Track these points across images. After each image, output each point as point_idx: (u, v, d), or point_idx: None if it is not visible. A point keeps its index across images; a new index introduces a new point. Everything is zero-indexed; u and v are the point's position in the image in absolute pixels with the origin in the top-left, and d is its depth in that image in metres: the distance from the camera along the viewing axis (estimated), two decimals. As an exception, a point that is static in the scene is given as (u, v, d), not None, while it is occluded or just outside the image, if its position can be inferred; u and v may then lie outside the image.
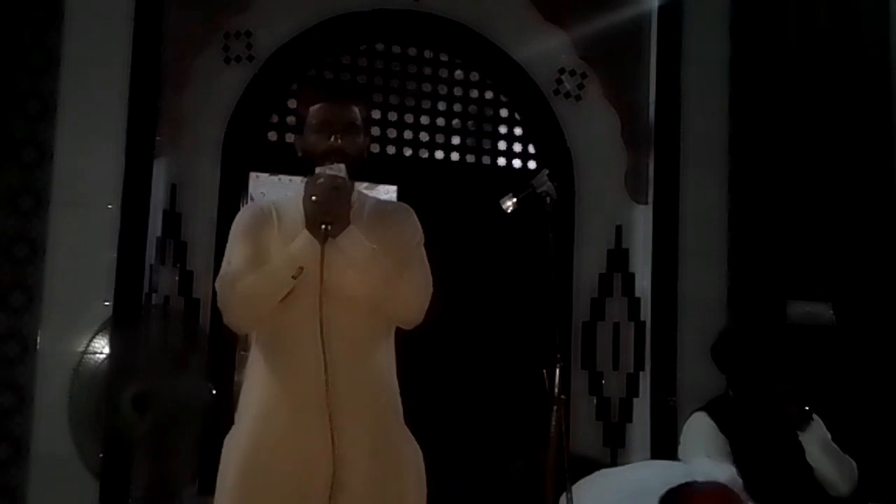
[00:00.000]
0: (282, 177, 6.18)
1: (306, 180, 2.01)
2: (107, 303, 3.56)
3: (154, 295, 3.75)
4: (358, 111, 2.14)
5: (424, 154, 4.41)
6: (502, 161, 4.51)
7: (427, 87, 4.44)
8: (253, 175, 4.41)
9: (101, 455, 3.45)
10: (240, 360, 4.48)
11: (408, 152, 4.38)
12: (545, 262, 2.48)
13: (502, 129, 4.54)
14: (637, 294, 4.28)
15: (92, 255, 3.59)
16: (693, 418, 2.99)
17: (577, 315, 4.39)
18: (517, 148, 4.52)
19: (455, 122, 4.48)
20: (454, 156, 4.46)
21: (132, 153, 3.64)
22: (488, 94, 4.52)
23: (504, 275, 4.34)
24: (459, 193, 4.25)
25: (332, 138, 2.07)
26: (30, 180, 3.59)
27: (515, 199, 2.39)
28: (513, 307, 4.32)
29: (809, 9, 4.46)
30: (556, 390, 2.26)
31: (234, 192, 4.13)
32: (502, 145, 4.53)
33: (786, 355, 3.13)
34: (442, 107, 4.45)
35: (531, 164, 4.52)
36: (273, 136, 4.26)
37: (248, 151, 4.18)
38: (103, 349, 3.52)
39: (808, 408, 2.95)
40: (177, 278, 3.91)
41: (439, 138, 4.43)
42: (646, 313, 4.22)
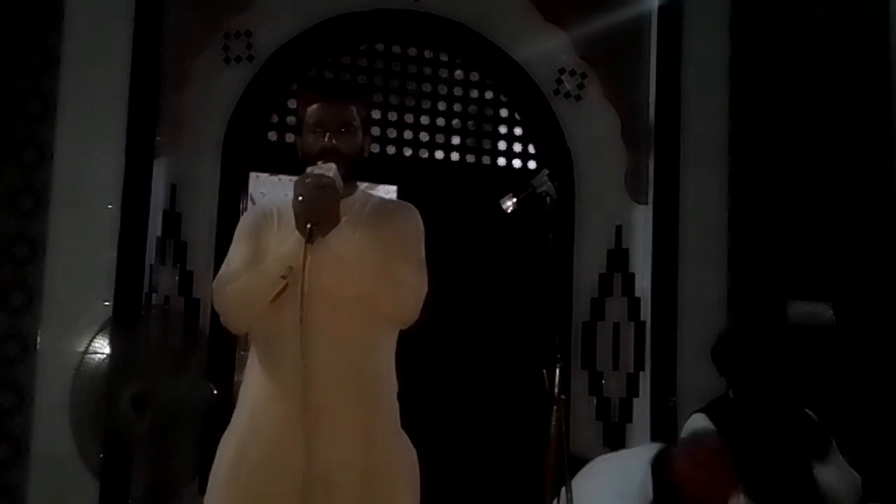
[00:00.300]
0: (282, 177, 6.18)
1: (295, 180, 2.02)
2: (107, 303, 3.56)
3: (154, 295, 3.75)
4: (355, 110, 2.14)
5: (424, 154, 4.41)
6: (502, 161, 4.51)
7: (427, 87, 4.44)
8: (253, 175, 4.41)
9: (101, 455, 3.45)
10: (240, 360, 4.48)
11: (408, 152, 4.38)
12: (545, 262, 2.48)
13: (502, 129, 4.54)
14: (637, 294, 4.28)
15: (92, 255, 3.59)
16: (692, 419, 2.99)
17: (577, 315, 4.39)
18: (517, 148, 4.52)
19: (455, 122, 4.48)
20: (454, 156, 4.46)
21: (132, 153, 3.64)
22: (488, 94, 4.52)
23: (504, 275, 4.34)
24: (459, 193, 4.25)
25: (327, 138, 2.08)
26: (30, 180, 3.59)
27: (515, 199, 2.39)
28: (513, 307, 4.32)
29: (809, 9, 4.46)
30: (556, 390, 2.26)
31: (234, 192, 4.13)
32: (502, 145, 4.53)
33: (786, 357, 3.13)
34: (442, 107, 4.45)
35: (531, 164, 4.52)
36: (273, 136, 4.26)
37: (248, 151, 4.18)
38: (103, 349, 3.52)
39: (829, 437, 2.96)
40: (177, 278, 3.91)
41: (439, 138, 4.43)
42: (646, 313, 4.22)
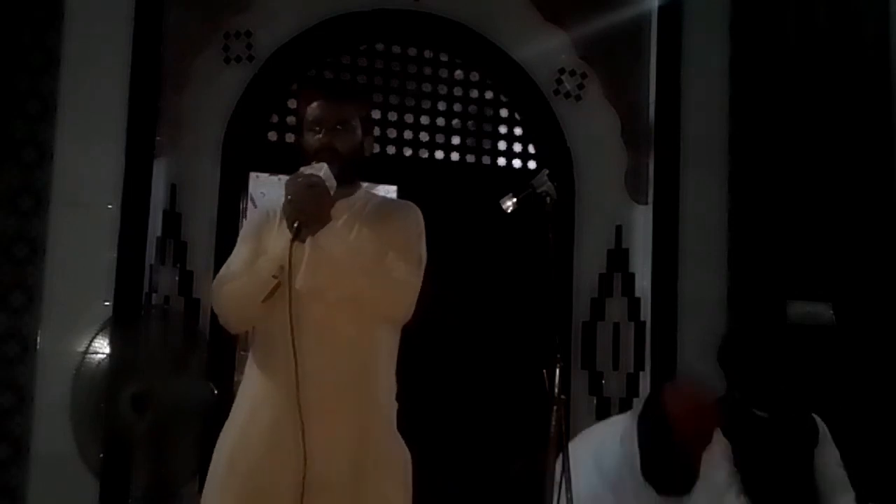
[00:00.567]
0: (282, 177, 6.16)
1: (286, 180, 2.02)
2: (107, 303, 3.56)
3: (154, 295, 3.75)
4: (353, 109, 2.14)
5: (424, 154, 4.41)
6: (502, 161, 4.51)
7: (427, 87, 4.44)
8: (253, 175, 4.41)
9: (101, 455, 3.45)
10: (240, 360, 4.48)
11: (408, 152, 4.38)
12: (545, 262, 2.48)
13: (502, 129, 4.54)
14: (637, 294, 4.28)
15: (92, 255, 3.59)
16: None
17: (577, 315, 4.39)
18: (517, 148, 4.52)
19: (455, 122, 4.48)
20: (454, 156, 4.46)
21: (132, 153, 3.64)
22: (488, 94, 4.52)
23: (504, 275, 4.34)
24: (459, 193, 4.25)
25: (323, 136, 2.08)
26: (30, 180, 3.59)
27: (515, 199, 2.38)
28: (513, 307, 4.32)
29: (809, 9, 4.46)
30: (556, 390, 2.25)
31: (234, 192, 4.13)
32: (502, 145, 4.53)
33: (790, 359, 3.13)
34: (442, 107, 4.45)
35: (531, 164, 4.52)
36: (273, 136, 4.26)
37: (248, 151, 4.18)
38: (103, 349, 3.52)
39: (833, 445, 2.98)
40: (177, 278, 3.91)
41: (439, 138, 4.43)
42: (646, 313, 4.22)
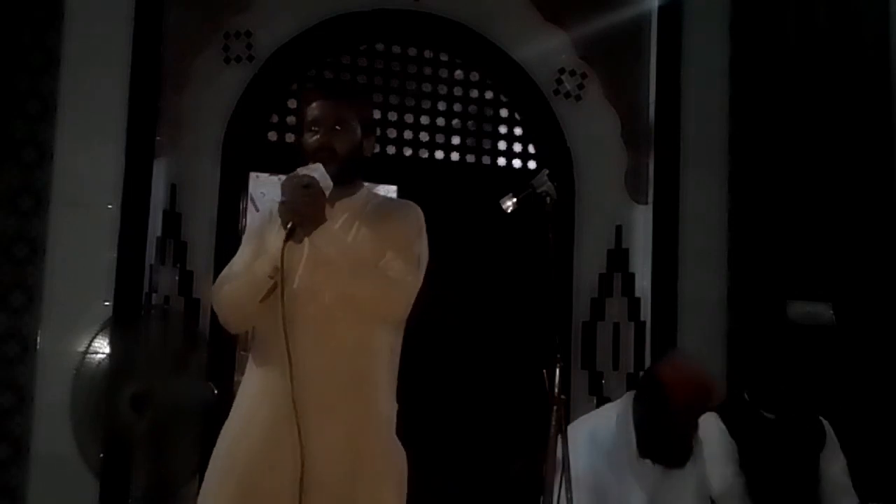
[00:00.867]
0: (282, 177, 6.16)
1: (282, 181, 2.02)
2: (107, 303, 3.56)
3: (154, 295, 3.75)
4: (351, 109, 2.14)
5: (424, 154, 4.41)
6: (502, 161, 4.51)
7: (427, 87, 4.44)
8: (253, 175, 4.41)
9: (101, 455, 3.45)
10: (240, 360, 4.48)
11: (408, 152, 4.38)
12: (545, 262, 2.48)
13: (502, 129, 4.54)
14: (637, 294, 4.28)
15: (92, 255, 3.59)
16: (703, 419, 2.98)
17: (577, 315, 4.39)
18: (517, 148, 4.52)
19: (455, 122, 4.48)
20: (454, 156, 4.46)
21: (132, 153, 3.64)
22: (488, 94, 4.52)
23: (504, 275, 4.34)
24: (459, 193, 4.25)
25: (320, 136, 2.09)
26: (30, 180, 3.59)
27: (515, 199, 2.38)
28: (513, 307, 4.32)
29: (809, 9, 4.46)
30: (556, 390, 2.25)
31: (234, 192, 4.13)
32: (502, 145, 4.53)
33: (797, 360, 3.13)
34: (442, 107, 4.45)
35: (531, 164, 4.52)
36: (273, 136, 4.26)
37: (248, 151, 4.18)
38: (103, 349, 3.52)
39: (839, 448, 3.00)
40: (177, 278, 3.91)
41: (439, 138, 4.43)
42: (646, 313, 4.22)
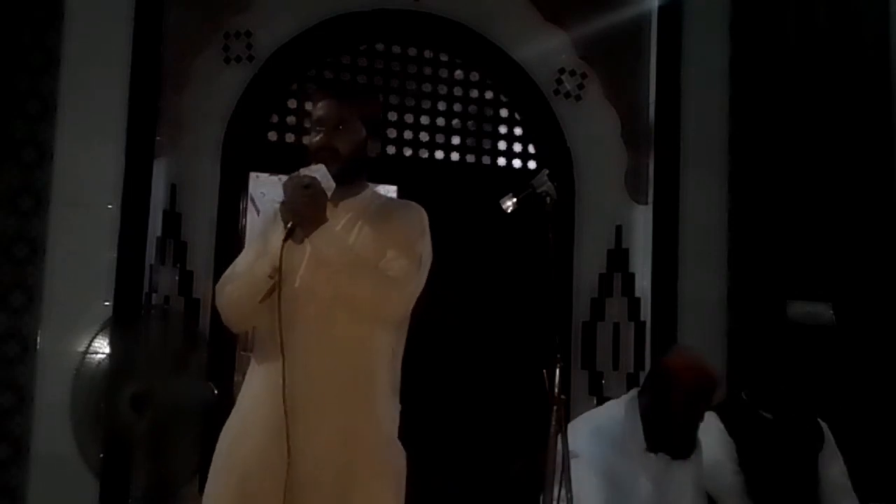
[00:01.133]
0: (282, 177, 6.16)
1: (283, 182, 2.03)
2: (107, 303, 3.56)
3: (154, 295, 3.75)
4: (354, 109, 2.13)
5: (424, 154, 4.41)
6: (502, 161, 4.51)
7: (427, 87, 4.44)
8: (253, 175, 4.41)
9: (101, 455, 3.45)
10: (240, 360, 4.48)
11: (408, 152, 4.38)
12: (545, 262, 2.48)
13: (502, 129, 4.54)
14: (637, 294, 4.28)
15: (92, 255, 3.59)
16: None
17: (577, 315, 4.39)
18: (517, 148, 4.52)
19: (455, 122, 4.48)
20: (454, 156, 4.46)
21: (132, 153, 3.64)
22: (488, 94, 4.52)
23: (504, 275, 4.34)
24: (459, 193, 4.24)
25: (323, 136, 2.09)
26: (30, 180, 3.59)
27: (515, 199, 2.38)
28: (513, 307, 4.32)
29: (809, 9, 4.46)
30: (556, 390, 2.25)
31: (234, 192, 4.13)
32: (502, 145, 4.53)
33: (796, 360, 3.13)
34: (442, 107, 4.45)
35: (531, 164, 4.52)
36: (273, 136, 4.26)
37: (248, 151, 4.18)
38: (103, 349, 3.52)
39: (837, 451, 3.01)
40: (177, 278, 3.91)
41: (439, 138, 4.43)
42: (646, 313, 4.22)
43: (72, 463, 3.45)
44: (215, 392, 3.60)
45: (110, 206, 3.62)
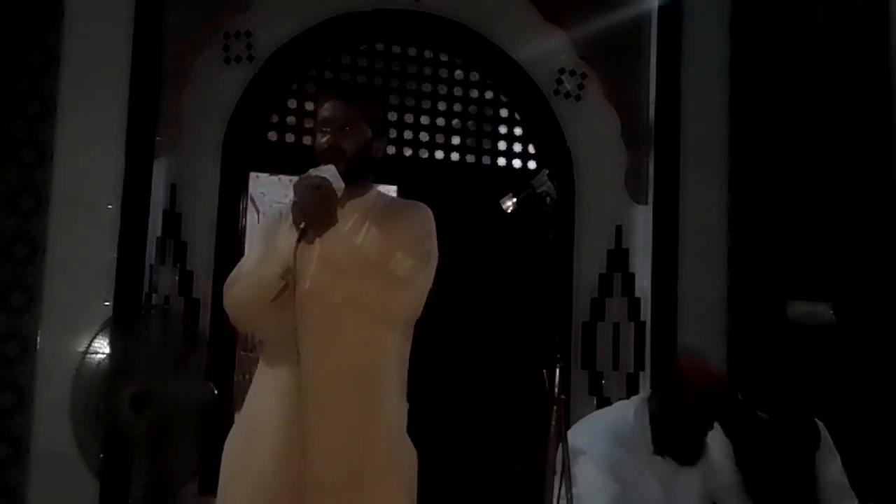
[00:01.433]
0: (282, 177, 6.18)
1: (294, 182, 2.03)
2: (107, 303, 3.56)
3: (154, 295, 3.75)
4: (361, 110, 2.14)
5: (424, 154, 4.42)
6: (502, 161, 4.52)
7: (427, 87, 4.44)
8: (253, 175, 4.42)
9: (101, 455, 3.45)
10: (240, 360, 4.48)
11: (408, 152, 4.39)
12: (545, 262, 2.48)
13: (502, 129, 4.54)
14: (637, 294, 4.28)
15: (92, 255, 3.59)
16: None
17: (577, 315, 4.39)
18: (517, 148, 4.52)
19: (455, 122, 4.48)
20: (454, 156, 4.47)
21: (132, 153, 3.64)
22: (488, 94, 4.52)
23: (504, 275, 4.34)
24: (459, 193, 4.24)
25: (329, 137, 2.09)
26: (30, 180, 3.59)
27: (515, 199, 2.38)
28: (513, 307, 4.32)
29: (809, 9, 4.46)
30: (556, 390, 2.25)
31: (234, 192, 4.13)
32: (502, 145, 4.53)
33: (794, 360, 3.13)
34: (442, 107, 4.45)
35: (531, 164, 4.52)
36: (273, 136, 4.26)
37: (248, 151, 4.18)
38: (103, 349, 3.52)
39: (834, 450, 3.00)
40: (177, 278, 3.91)
41: (439, 138, 4.44)
42: (646, 313, 4.22)
43: (72, 463, 3.45)
44: (215, 392, 3.59)
45: (110, 206, 3.62)
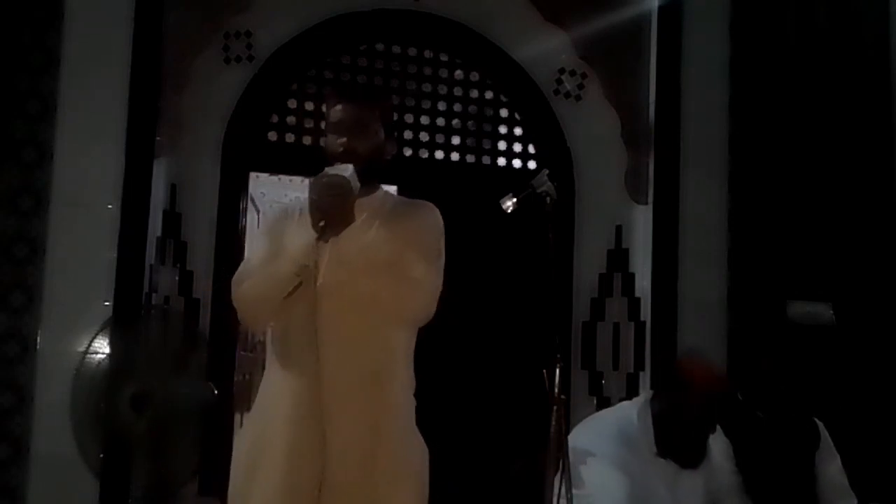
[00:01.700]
0: (282, 177, 6.18)
1: (311, 180, 2.03)
2: (107, 303, 3.56)
3: (154, 295, 3.75)
4: (374, 112, 2.15)
5: (424, 154, 4.42)
6: (502, 161, 4.52)
7: (427, 87, 4.44)
8: (253, 175, 4.42)
9: (101, 455, 3.45)
10: (240, 360, 4.48)
11: (408, 152, 4.38)
12: (545, 262, 2.48)
13: (502, 129, 4.54)
14: (637, 294, 4.28)
15: (92, 255, 3.59)
16: None
17: (577, 315, 4.39)
18: (517, 148, 4.52)
19: (455, 122, 4.48)
20: (454, 156, 4.47)
21: (132, 153, 3.64)
22: (488, 94, 4.52)
23: (504, 275, 4.34)
24: (459, 193, 4.23)
25: (344, 139, 2.10)
26: (30, 180, 3.59)
27: (515, 199, 2.38)
28: (513, 307, 4.32)
29: (809, 9, 4.46)
30: (556, 390, 2.25)
31: (234, 192, 4.13)
32: (502, 145, 4.53)
33: (793, 361, 3.13)
34: (442, 107, 4.45)
35: (531, 164, 4.52)
36: (273, 136, 4.26)
37: (248, 151, 4.18)
38: (103, 349, 3.52)
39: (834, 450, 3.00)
40: (177, 278, 3.91)
41: (439, 138, 4.44)
42: (646, 313, 4.22)
43: (72, 463, 3.45)
44: (215, 392, 3.59)
45: (110, 206, 3.62)
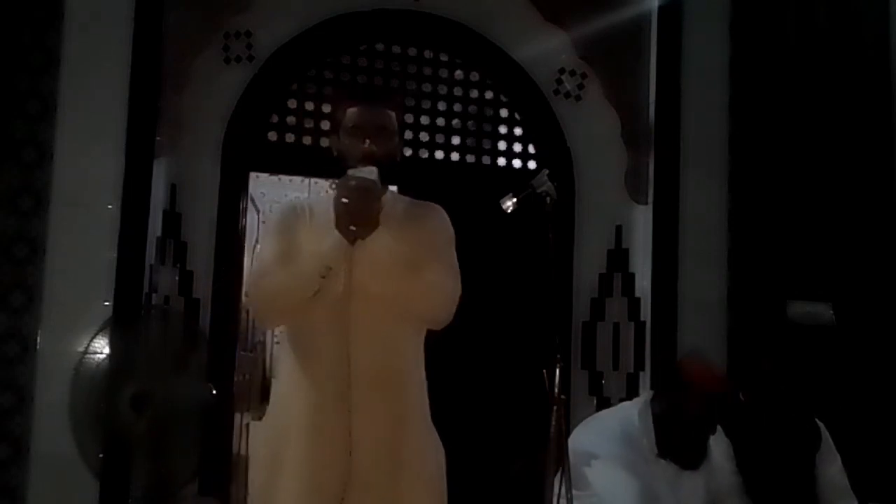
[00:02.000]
0: (282, 177, 6.18)
1: (337, 182, 2.05)
2: (107, 303, 3.56)
3: (154, 295, 3.75)
4: (392, 115, 2.19)
5: (424, 154, 4.42)
6: (502, 161, 4.52)
7: (427, 87, 4.44)
8: (253, 175, 4.41)
9: (101, 455, 3.45)
10: (240, 360, 4.48)
11: (408, 152, 4.38)
12: (545, 262, 2.49)
13: (502, 129, 4.54)
14: (637, 294, 4.28)
15: (92, 255, 3.59)
16: None
17: (577, 315, 4.39)
18: (517, 148, 4.53)
19: (455, 122, 4.48)
20: (454, 156, 4.47)
21: (132, 153, 3.64)
22: (488, 94, 4.52)
23: (504, 275, 4.34)
24: (459, 193, 4.22)
25: (365, 142, 2.12)
26: (30, 180, 3.59)
27: (515, 199, 2.39)
28: (513, 307, 4.32)
29: (809, 9, 4.46)
30: (556, 390, 2.26)
31: (234, 192, 4.13)
32: (502, 145, 4.53)
33: (794, 362, 3.13)
34: (442, 107, 4.46)
35: (531, 164, 4.52)
36: (273, 136, 4.26)
37: (248, 151, 4.18)
38: (103, 349, 3.52)
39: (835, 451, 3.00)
40: (177, 278, 3.91)
41: (439, 138, 4.44)
42: (646, 313, 4.22)
43: (72, 463, 3.45)
44: (215, 392, 3.59)
45: (110, 206, 3.62)
